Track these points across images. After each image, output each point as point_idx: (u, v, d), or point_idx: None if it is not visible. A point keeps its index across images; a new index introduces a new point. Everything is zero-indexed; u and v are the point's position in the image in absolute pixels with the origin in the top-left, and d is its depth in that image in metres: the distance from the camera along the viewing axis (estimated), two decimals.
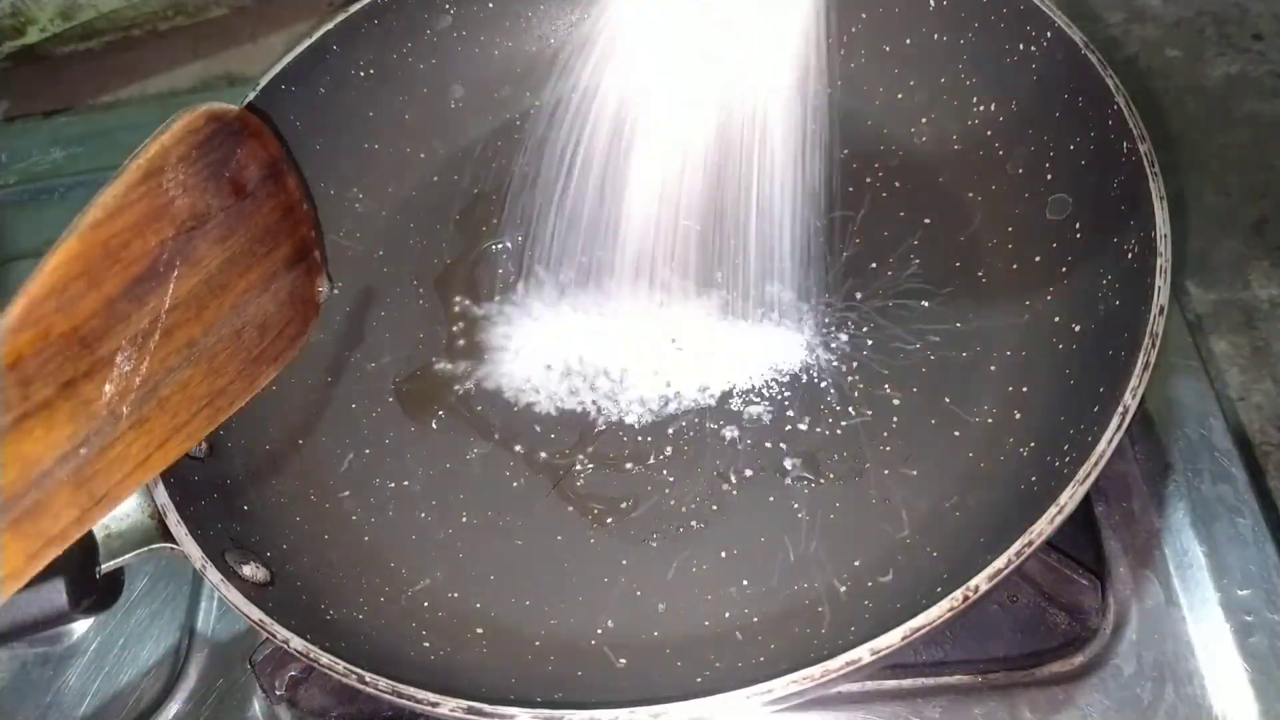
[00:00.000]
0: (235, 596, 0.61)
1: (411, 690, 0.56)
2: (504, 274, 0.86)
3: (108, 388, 0.57)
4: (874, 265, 0.82)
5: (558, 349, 0.80)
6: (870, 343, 0.78)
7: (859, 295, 0.80)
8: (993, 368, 0.76)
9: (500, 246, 0.88)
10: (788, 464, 0.74)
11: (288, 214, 0.74)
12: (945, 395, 0.75)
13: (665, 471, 0.75)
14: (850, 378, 0.77)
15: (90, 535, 0.67)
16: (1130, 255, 0.68)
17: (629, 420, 0.77)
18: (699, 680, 0.64)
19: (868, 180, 0.87)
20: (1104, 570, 0.73)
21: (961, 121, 0.86)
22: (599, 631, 0.69)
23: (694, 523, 0.72)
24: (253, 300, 0.70)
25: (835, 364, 0.77)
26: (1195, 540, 0.73)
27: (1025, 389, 0.74)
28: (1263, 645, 0.68)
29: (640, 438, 0.76)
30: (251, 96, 0.83)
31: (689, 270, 0.77)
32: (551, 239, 0.81)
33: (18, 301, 0.54)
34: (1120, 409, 0.59)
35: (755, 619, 0.68)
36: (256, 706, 0.74)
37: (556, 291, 0.82)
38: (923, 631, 0.54)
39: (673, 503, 0.73)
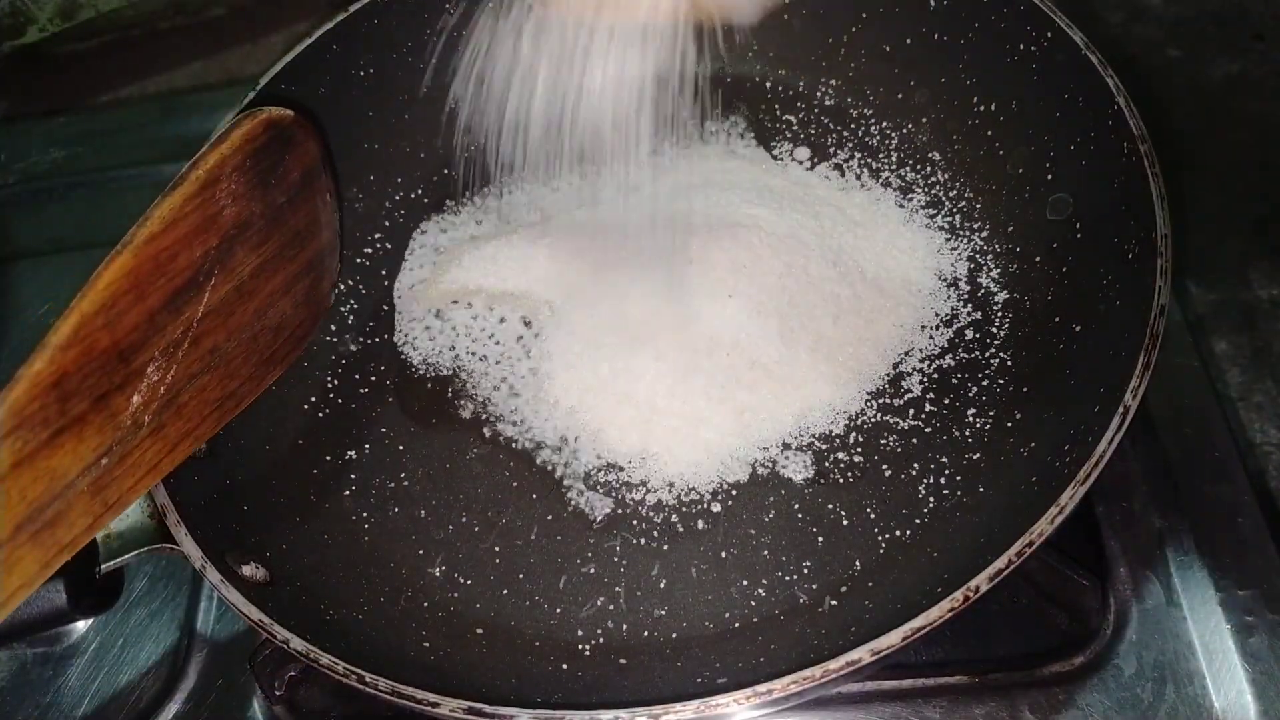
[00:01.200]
0: (235, 597, 0.61)
1: (412, 691, 0.56)
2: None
3: (135, 398, 0.57)
4: None
5: (561, 352, 0.80)
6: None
7: None
8: (993, 368, 0.76)
9: None
10: (788, 465, 0.74)
11: (317, 217, 0.74)
12: (946, 395, 0.75)
13: (666, 472, 0.75)
14: None
15: None
16: (1131, 255, 0.68)
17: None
18: (699, 680, 0.64)
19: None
20: (1104, 570, 0.73)
21: (962, 121, 0.86)
22: (599, 632, 0.69)
23: (694, 523, 0.72)
24: (275, 303, 0.69)
25: None
26: (1195, 540, 0.73)
27: (1025, 389, 0.74)
28: (1263, 645, 0.68)
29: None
30: (251, 96, 0.83)
31: None
32: None
33: (69, 319, 0.54)
34: (1121, 409, 0.59)
35: (755, 619, 0.68)
36: (256, 706, 0.74)
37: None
38: (923, 632, 0.54)
39: (673, 503, 0.73)
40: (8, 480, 0.50)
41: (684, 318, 0.77)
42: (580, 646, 0.68)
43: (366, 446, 0.79)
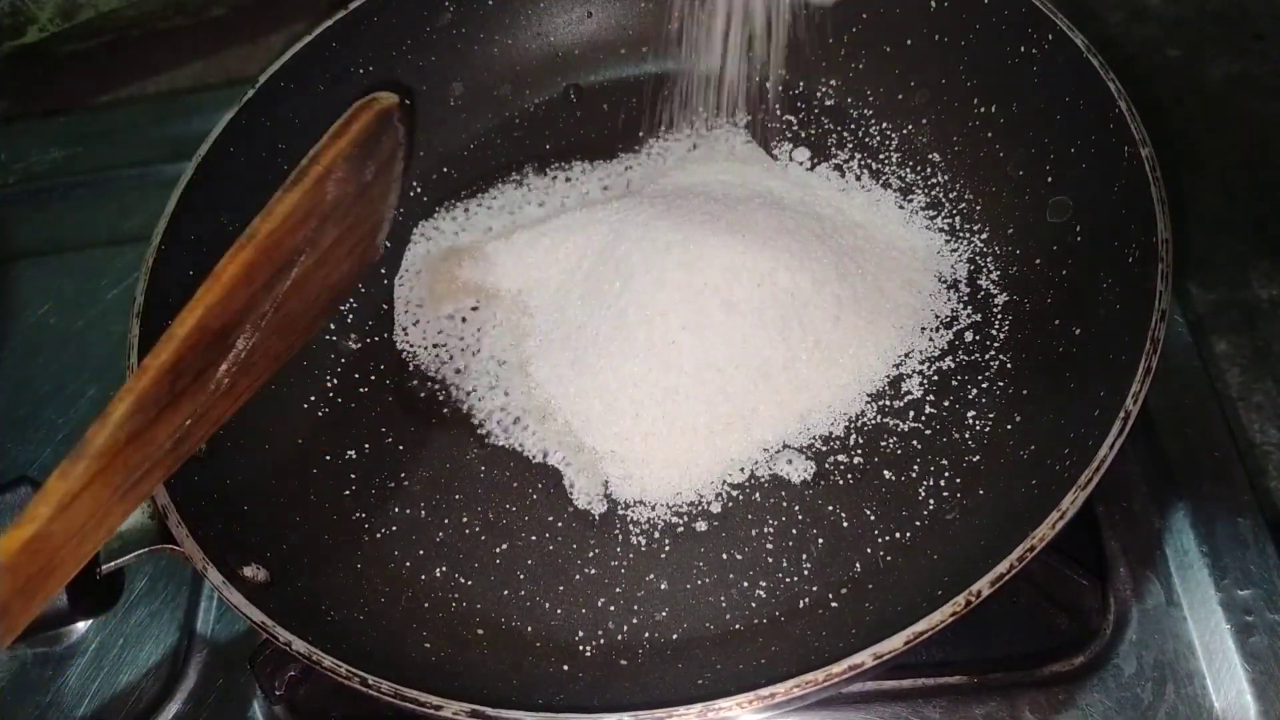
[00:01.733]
0: (237, 598, 0.61)
1: (414, 693, 0.56)
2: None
3: (223, 367, 0.61)
4: None
5: (560, 352, 0.80)
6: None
7: None
8: (993, 370, 0.76)
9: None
10: (788, 465, 0.74)
11: (390, 184, 0.75)
12: (946, 398, 0.75)
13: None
14: None
15: None
16: (1131, 259, 0.68)
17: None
18: (700, 682, 0.64)
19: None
20: (1104, 570, 0.73)
21: (962, 123, 0.86)
22: (600, 633, 0.69)
23: (695, 524, 0.72)
24: (340, 264, 0.71)
25: None
26: (1195, 540, 0.73)
27: (1025, 392, 0.74)
28: (1263, 645, 0.69)
29: None
30: (250, 94, 0.83)
31: None
32: None
33: (194, 310, 0.58)
34: (1122, 414, 0.59)
35: (756, 621, 0.68)
36: (256, 707, 0.74)
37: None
38: (925, 636, 0.54)
39: (673, 504, 0.73)
40: (121, 455, 0.54)
41: (683, 318, 0.77)
42: (581, 648, 0.68)
43: (366, 446, 0.79)
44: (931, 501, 0.71)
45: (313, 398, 0.82)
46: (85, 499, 0.53)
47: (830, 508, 0.72)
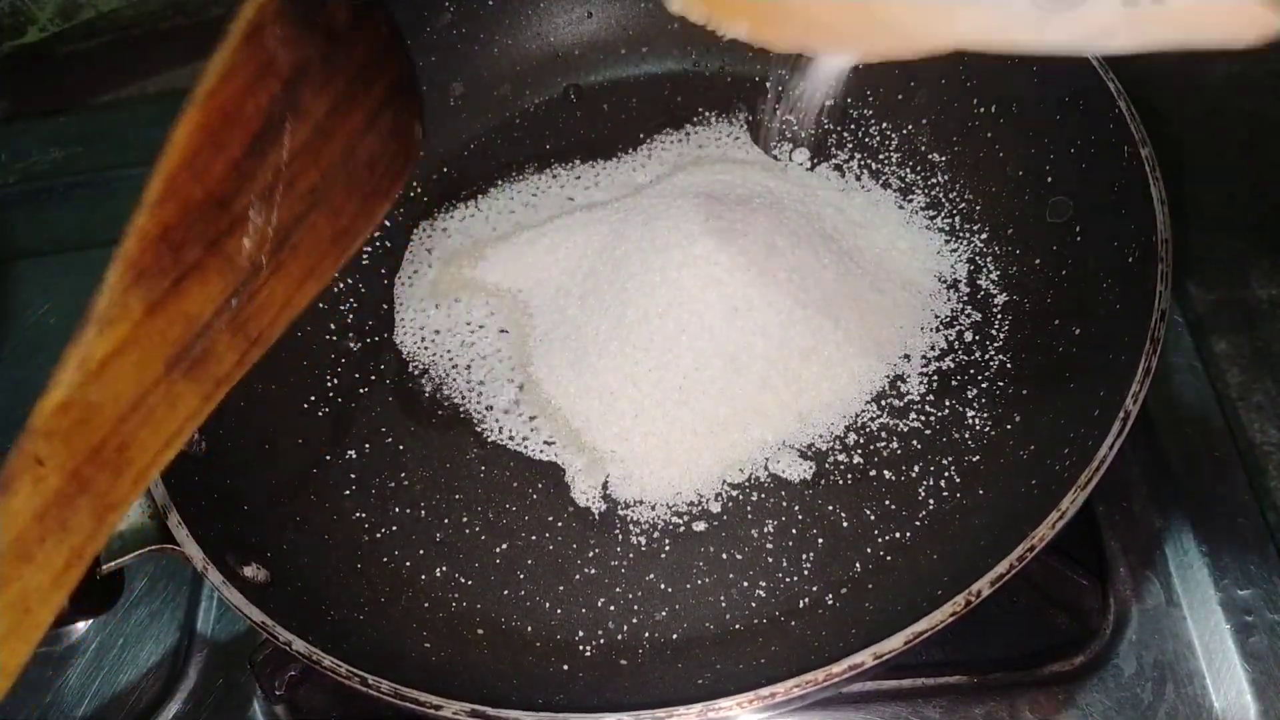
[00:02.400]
0: (237, 598, 0.61)
1: (414, 693, 0.56)
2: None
3: (246, 242, 0.62)
4: None
5: (560, 352, 0.80)
6: None
7: None
8: (992, 370, 0.76)
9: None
10: (788, 465, 0.74)
11: (379, 52, 0.76)
12: (945, 397, 0.75)
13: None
14: None
15: None
16: (1131, 259, 0.68)
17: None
18: (700, 682, 0.64)
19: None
20: (1104, 570, 0.73)
21: (962, 123, 0.86)
22: (600, 633, 0.69)
23: (694, 524, 0.73)
24: (360, 140, 0.73)
25: None
26: (1195, 540, 0.73)
27: (1025, 391, 0.74)
28: (1263, 645, 0.69)
29: None
30: None
31: None
32: None
33: (156, 177, 0.58)
34: (1121, 414, 0.59)
35: (756, 620, 0.68)
36: (256, 706, 0.74)
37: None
38: (925, 636, 0.54)
39: (673, 504, 0.73)
40: (144, 325, 0.55)
41: (683, 318, 0.77)
42: (581, 647, 0.69)
43: (366, 446, 0.79)
44: (931, 501, 0.71)
45: (313, 398, 0.82)
46: (122, 366, 0.54)
47: (830, 508, 0.72)
